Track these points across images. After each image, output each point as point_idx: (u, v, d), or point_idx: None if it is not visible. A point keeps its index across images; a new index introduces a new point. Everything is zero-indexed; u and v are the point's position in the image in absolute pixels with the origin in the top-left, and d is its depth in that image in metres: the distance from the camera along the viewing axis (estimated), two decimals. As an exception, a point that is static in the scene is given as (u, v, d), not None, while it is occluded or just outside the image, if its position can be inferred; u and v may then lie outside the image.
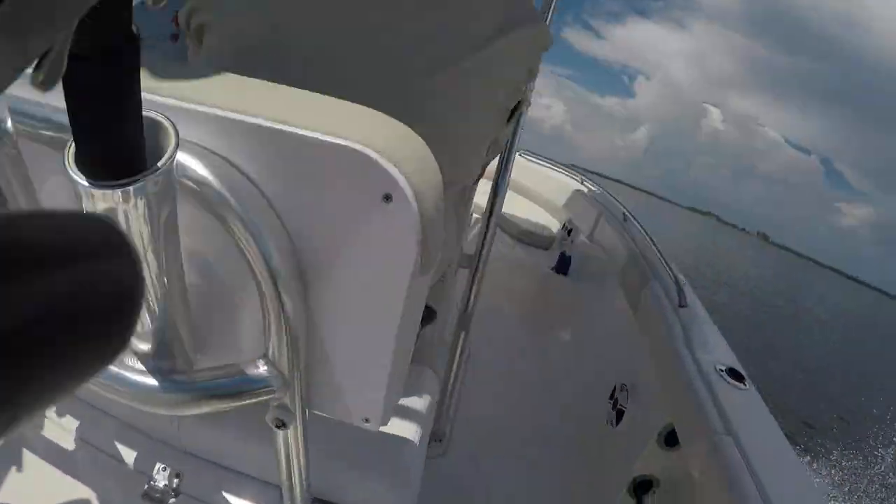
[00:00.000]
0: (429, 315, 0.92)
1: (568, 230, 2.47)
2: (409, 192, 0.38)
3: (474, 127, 0.69)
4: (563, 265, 2.12)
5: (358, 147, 0.37)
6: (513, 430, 1.42)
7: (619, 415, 1.22)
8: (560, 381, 1.65)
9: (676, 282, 1.24)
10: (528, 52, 0.68)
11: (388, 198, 0.38)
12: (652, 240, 1.60)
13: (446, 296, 1.12)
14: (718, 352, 1.00)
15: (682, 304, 1.15)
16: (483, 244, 1.13)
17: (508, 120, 0.79)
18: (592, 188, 2.71)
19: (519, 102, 0.77)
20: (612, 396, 1.29)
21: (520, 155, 3.51)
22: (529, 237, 2.49)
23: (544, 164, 3.34)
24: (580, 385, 1.58)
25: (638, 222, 1.78)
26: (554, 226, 2.76)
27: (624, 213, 1.97)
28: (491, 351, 1.81)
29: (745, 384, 0.88)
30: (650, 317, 1.19)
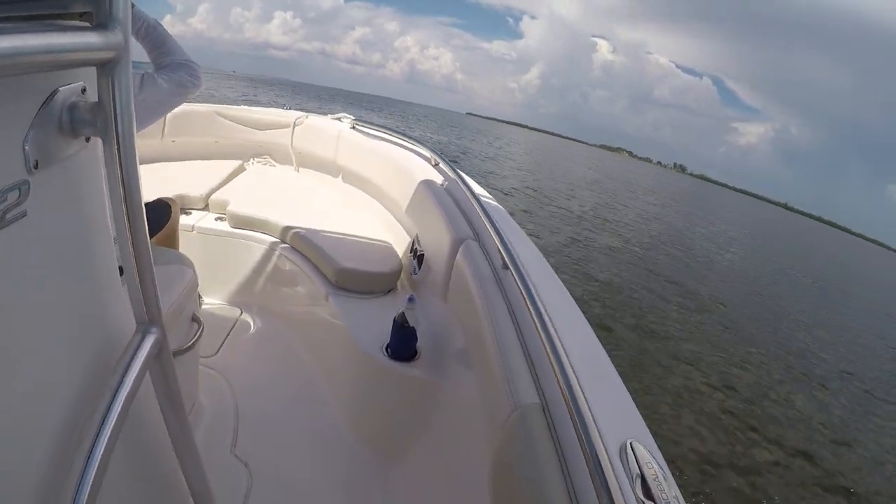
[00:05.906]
0: None
1: (418, 255, 1.59)
2: None
3: None
4: (402, 343, 1.24)
5: None
6: None
7: None
8: None
9: None
10: None
11: None
12: (529, 297, 0.80)
13: None
14: None
15: None
16: None
17: None
18: (447, 171, 1.84)
19: None
20: None
21: (352, 127, 2.54)
22: (351, 279, 1.57)
23: (378, 132, 2.44)
24: None
25: (496, 240, 0.95)
26: (400, 241, 1.85)
27: (494, 226, 1.12)
28: None
29: None
30: None
